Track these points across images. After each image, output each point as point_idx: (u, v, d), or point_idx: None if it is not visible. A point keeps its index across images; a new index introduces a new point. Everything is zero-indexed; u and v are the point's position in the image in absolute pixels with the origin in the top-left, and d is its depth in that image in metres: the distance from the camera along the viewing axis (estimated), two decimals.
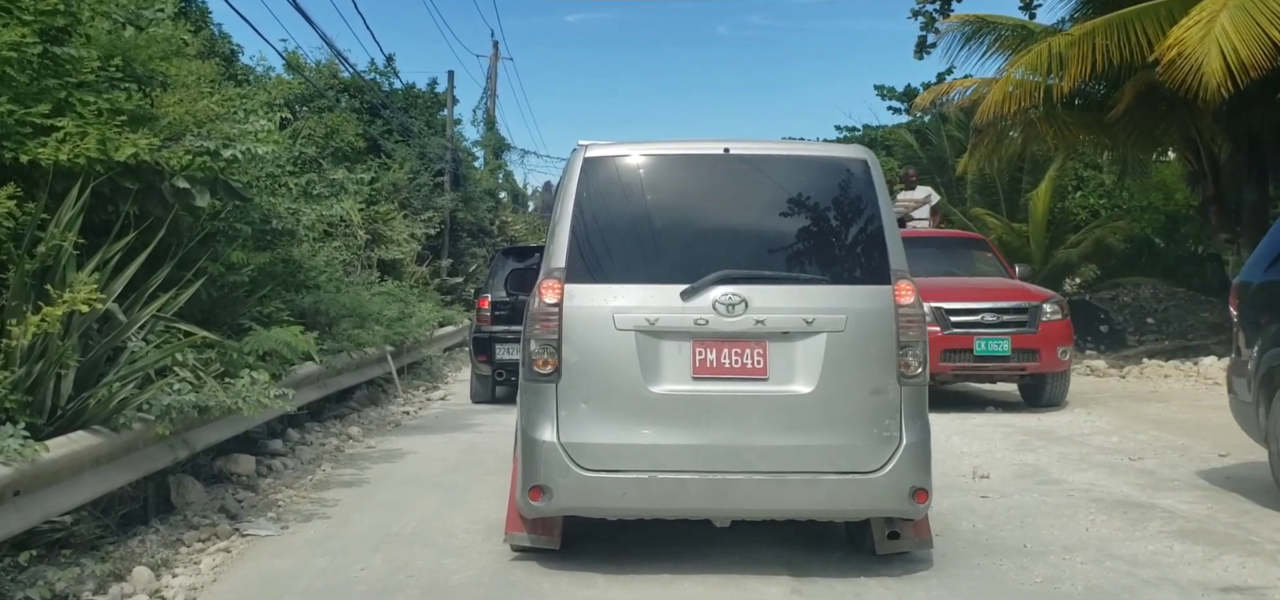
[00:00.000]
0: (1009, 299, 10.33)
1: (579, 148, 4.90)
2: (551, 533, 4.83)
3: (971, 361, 10.08)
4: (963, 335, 10.01)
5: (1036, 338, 10.07)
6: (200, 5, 16.86)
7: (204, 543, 5.43)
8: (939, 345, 9.71)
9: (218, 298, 7.02)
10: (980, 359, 10.05)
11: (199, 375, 5.77)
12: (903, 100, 30.23)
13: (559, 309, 4.54)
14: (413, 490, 6.77)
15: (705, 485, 4.47)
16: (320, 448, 8.35)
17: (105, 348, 5.46)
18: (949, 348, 9.97)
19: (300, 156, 11.21)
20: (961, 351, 10.02)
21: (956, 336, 10.01)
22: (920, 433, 4.54)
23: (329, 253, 10.93)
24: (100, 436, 5.05)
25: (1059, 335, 10.22)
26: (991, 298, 10.33)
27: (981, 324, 10.05)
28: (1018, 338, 10.02)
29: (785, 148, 4.98)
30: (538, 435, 4.52)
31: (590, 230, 4.69)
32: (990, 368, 10.21)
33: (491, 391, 11.66)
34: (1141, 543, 5.19)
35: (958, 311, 10.10)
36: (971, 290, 10.55)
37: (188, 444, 6.01)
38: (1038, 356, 10.07)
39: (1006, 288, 10.78)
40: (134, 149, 5.63)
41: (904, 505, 4.52)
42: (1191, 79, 10.95)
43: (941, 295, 10.05)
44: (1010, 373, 10.37)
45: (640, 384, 4.47)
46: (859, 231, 4.75)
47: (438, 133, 26.36)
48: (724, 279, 4.53)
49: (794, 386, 4.50)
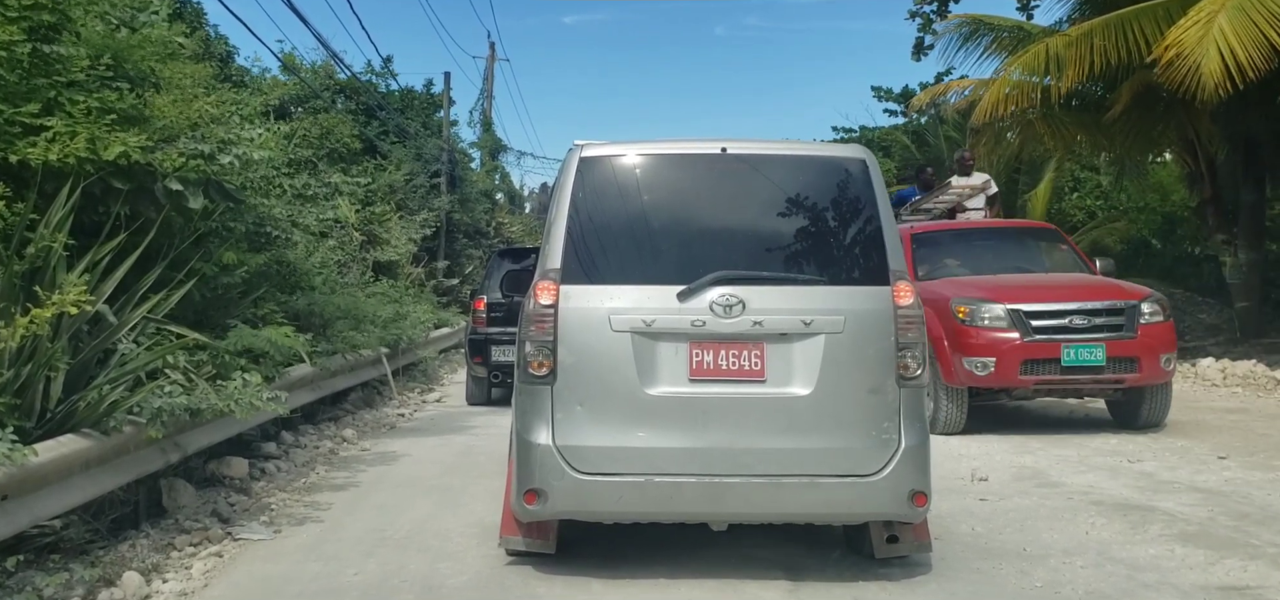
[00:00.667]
0: (1101, 298, 8.74)
1: (575, 147, 4.85)
2: (547, 537, 4.78)
3: (1058, 373, 8.49)
4: (1047, 343, 8.48)
5: (1135, 343, 8.51)
6: (196, 6, 16.83)
7: (195, 547, 5.38)
8: (1018, 354, 8.49)
9: (210, 299, 6.95)
10: (1069, 371, 8.47)
11: (190, 377, 5.71)
12: (899, 102, 30.24)
13: (554, 310, 4.49)
14: (407, 493, 6.72)
15: (702, 489, 4.42)
16: (314, 450, 8.29)
17: (96, 350, 5.40)
18: (1030, 358, 8.49)
19: (295, 157, 11.16)
20: (1046, 362, 8.48)
21: (1039, 345, 8.48)
22: (919, 435, 4.50)
23: (324, 254, 10.86)
24: (90, 439, 4.98)
25: (1161, 340, 8.64)
26: (1080, 297, 8.74)
27: (1070, 329, 8.51)
28: (1113, 344, 8.45)
29: (783, 147, 4.93)
30: (533, 438, 4.47)
31: (586, 231, 4.64)
32: (1081, 381, 8.58)
33: (487, 393, 11.61)
34: (1142, 546, 5.15)
35: (1041, 314, 8.57)
36: (1054, 288, 9.01)
37: (179, 447, 5.94)
38: (1137, 366, 8.50)
39: (1096, 285, 9.17)
40: (123, 149, 5.57)
41: (903, 508, 4.47)
42: (1189, 80, 10.93)
43: (1018, 295, 8.77)
44: (1104, 386, 8.74)
45: (636, 386, 4.42)
46: (857, 232, 4.70)
47: (434, 134, 26.30)
48: (721, 280, 4.48)
49: (792, 388, 4.45)
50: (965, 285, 9.20)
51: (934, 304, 8.64)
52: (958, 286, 9.16)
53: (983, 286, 9.06)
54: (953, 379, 8.70)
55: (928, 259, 9.97)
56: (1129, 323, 8.58)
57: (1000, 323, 8.54)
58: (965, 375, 8.60)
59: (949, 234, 10.72)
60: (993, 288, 8.97)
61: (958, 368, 8.63)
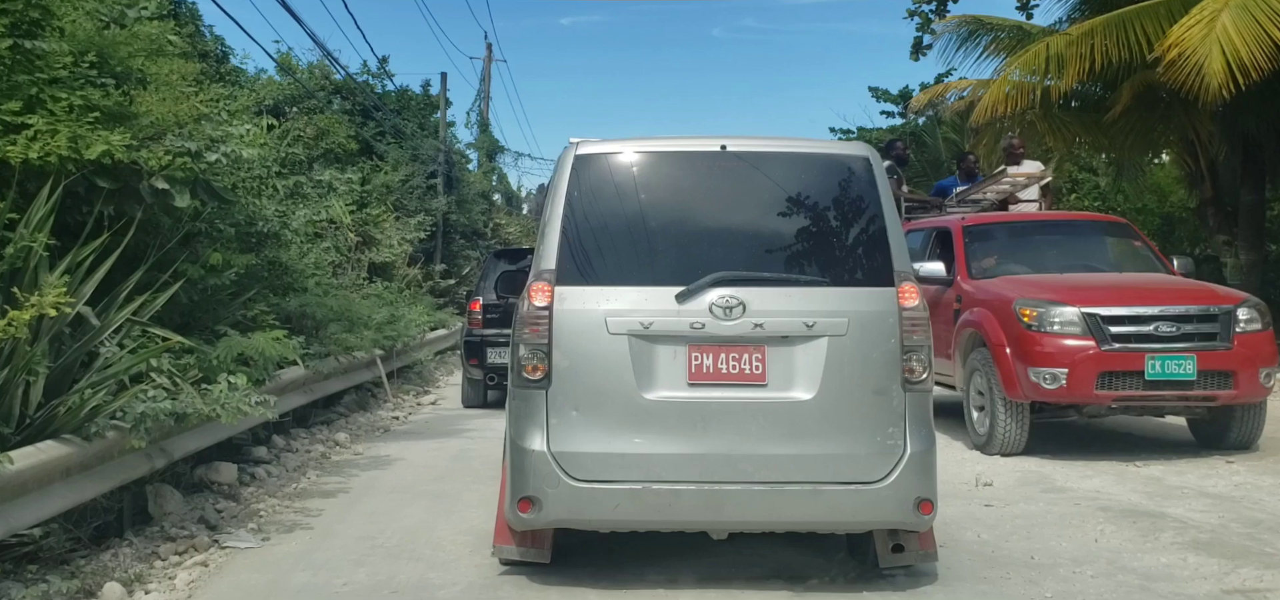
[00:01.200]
0: (1191, 302, 7.58)
1: (570, 145, 4.72)
2: (541, 545, 4.63)
3: (1141, 388, 7.32)
4: (1128, 352, 7.32)
5: (1231, 355, 7.33)
6: (190, 6, 16.67)
7: (180, 556, 5.23)
8: (1094, 365, 7.32)
9: (198, 301, 6.80)
10: (1153, 386, 7.30)
11: (175, 381, 5.57)
12: (897, 102, 30.13)
13: (549, 312, 4.36)
14: (400, 499, 6.58)
15: (701, 496, 4.28)
16: (306, 454, 8.15)
17: (77, 353, 5.25)
18: (1109, 369, 7.32)
19: (288, 157, 11.02)
20: (1127, 375, 7.32)
21: (1119, 354, 7.33)
22: (925, 441, 4.36)
23: (317, 255, 10.72)
24: (71, 446, 4.84)
25: (1260, 352, 7.46)
26: (1166, 300, 7.57)
27: (1156, 337, 7.34)
28: (1206, 355, 7.28)
29: (784, 144, 4.78)
30: (527, 444, 4.33)
31: (582, 230, 4.50)
32: (1165, 397, 7.44)
33: (483, 396, 11.49)
34: (1153, 555, 5.01)
35: (1121, 319, 7.43)
36: (1135, 290, 7.88)
37: (165, 452, 5.80)
38: (1233, 381, 7.31)
39: (1183, 287, 8.01)
40: (106, 147, 5.42)
41: (908, 516, 4.33)
42: (1192, 79, 10.80)
43: (1093, 297, 7.64)
44: (1193, 404, 7.58)
45: (634, 390, 4.28)
46: (861, 231, 4.56)
47: (431, 135, 26.16)
48: (721, 281, 4.35)
49: (794, 393, 4.31)
50: (1030, 285, 8.07)
51: (993, 306, 8.02)
52: (1021, 286, 8.07)
53: (1051, 287, 7.95)
54: (1015, 392, 7.61)
55: (982, 255, 8.97)
56: (1224, 331, 7.39)
57: (1073, 328, 7.42)
58: (1030, 388, 7.49)
59: (1005, 227, 9.72)
60: (1063, 288, 7.88)
61: (1022, 379, 7.53)
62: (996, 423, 7.75)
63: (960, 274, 8.71)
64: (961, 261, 8.79)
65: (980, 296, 8.31)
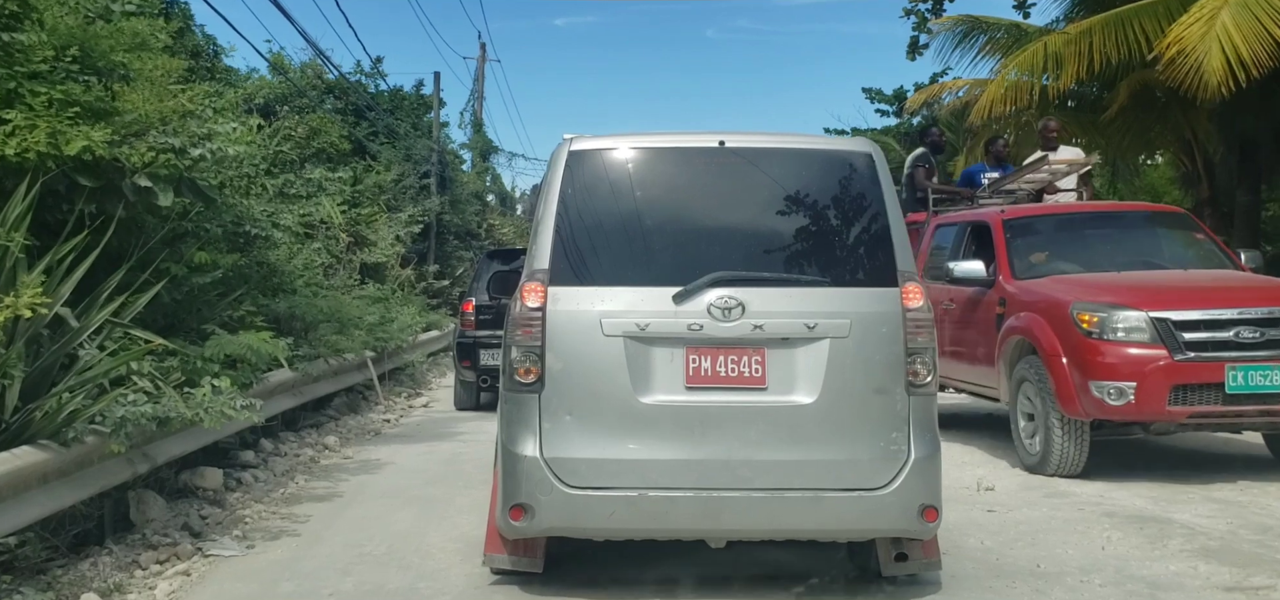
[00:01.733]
0: (1275, 303, 6.62)
1: (564, 141, 4.58)
2: (534, 554, 4.49)
3: (1221, 403, 6.42)
4: (1206, 362, 6.42)
5: None
6: (182, 5, 16.49)
7: (162, 565, 5.08)
8: (1165, 378, 6.42)
9: (182, 301, 6.65)
10: (1235, 400, 6.40)
11: (157, 385, 5.41)
12: (891, 103, 30.06)
13: (542, 313, 4.21)
14: (389, 505, 6.43)
15: (699, 503, 4.14)
16: (294, 459, 7.99)
17: (56, 355, 5.10)
18: (1183, 382, 6.43)
19: (278, 156, 10.87)
20: (1204, 388, 6.42)
21: (1195, 364, 6.43)
22: (930, 446, 4.23)
23: (308, 255, 10.56)
24: (47, 451, 4.69)
25: None
26: (1245, 301, 6.63)
27: (1236, 344, 6.42)
28: None
29: (784, 140, 4.65)
30: (519, 449, 4.19)
31: (576, 229, 4.36)
32: (1249, 413, 6.56)
33: (476, 398, 11.36)
34: (1162, 563, 4.88)
35: (1195, 324, 6.51)
36: (1208, 291, 6.94)
37: (148, 457, 5.65)
38: None
39: (1263, 286, 7.13)
40: (86, 143, 5.27)
41: (912, 524, 4.20)
42: (1192, 77, 10.71)
43: (1161, 298, 6.69)
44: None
45: (629, 394, 4.14)
46: (863, 230, 4.42)
47: (424, 135, 25.99)
48: (720, 281, 4.20)
49: (794, 396, 4.18)
50: (1087, 286, 7.13)
51: (1044, 310, 7.12)
52: (1077, 287, 7.14)
53: (1112, 287, 7.02)
54: (1073, 408, 6.70)
55: (1027, 251, 8.00)
56: None
57: (1140, 335, 6.52)
58: (1092, 404, 6.59)
59: (1051, 220, 8.62)
60: (1126, 289, 6.94)
61: (1081, 394, 6.63)
62: (1051, 442, 6.85)
63: (1002, 273, 7.80)
64: (1003, 259, 7.86)
65: (1028, 299, 7.40)
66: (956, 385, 8.73)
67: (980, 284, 7.97)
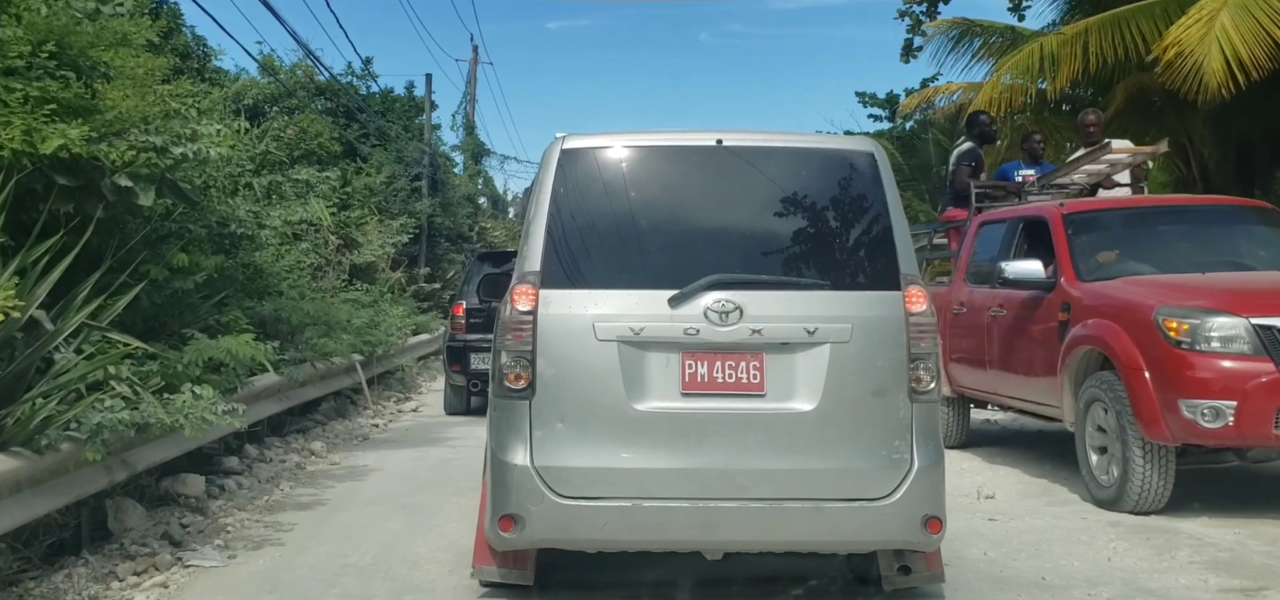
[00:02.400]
0: None
1: (556, 139, 4.43)
2: (524, 566, 4.34)
3: None
4: None
5: None
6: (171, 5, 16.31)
7: (139, 576, 4.91)
8: (1271, 395, 5.53)
9: (164, 304, 6.48)
10: None
11: (136, 390, 5.25)
12: (884, 107, 29.99)
13: (533, 317, 4.06)
14: (376, 513, 6.28)
15: (695, 514, 3.99)
16: (279, 465, 7.82)
17: (30, 359, 4.93)
18: None
19: (264, 156, 10.70)
20: None
21: None
22: (933, 455, 4.09)
23: (295, 257, 10.39)
24: (20, 459, 4.53)
25: None
26: None
27: None
28: None
29: (784, 139, 4.51)
30: (509, 458, 4.03)
31: (568, 230, 4.21)
32: None
33: (466, 402, 11.21)
34: (1171, 575, 4.75)
35: None
36: None
37: (127, 464, 5.48)
38: None
39: None
40: (62, 141, 5.10)
41: (916, 535, 4.06)
42: (1191, 79, 10.61)
43: (1263, 303, 5.78)
44: None
45: (623, 401, 4.00)
46: (865, 232, 4.29)
47: (416, 137, 25.83)
48: (717, 284, 4.06)
49: (794, 404, 4.04)
50: (1172, 288, 6.17)
51: (1121, 316, 6.16)
52: (1159, 289, 6.19)
53: (1203, 290, 6.08)
54: (1159, 431, 5.75)
55: (1093, 250, 6.99)
56: None
57: (1240, 345, 5.62)
58: (1181, 427, 5.66)
59: (1119, 214, 7.68)
60: (1221, 292, 6.00)
61: (1168, 415, 5.69)
62: (1130, 472, 5.88)
63: (1065, 274, 6.79)
64: (1066, 259, 6.85)
65: (1099, 304, 6.42)
66: (1006, 402, 7.87)
67: (1038, 287, 6.95)
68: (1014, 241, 7.62)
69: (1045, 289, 6.91)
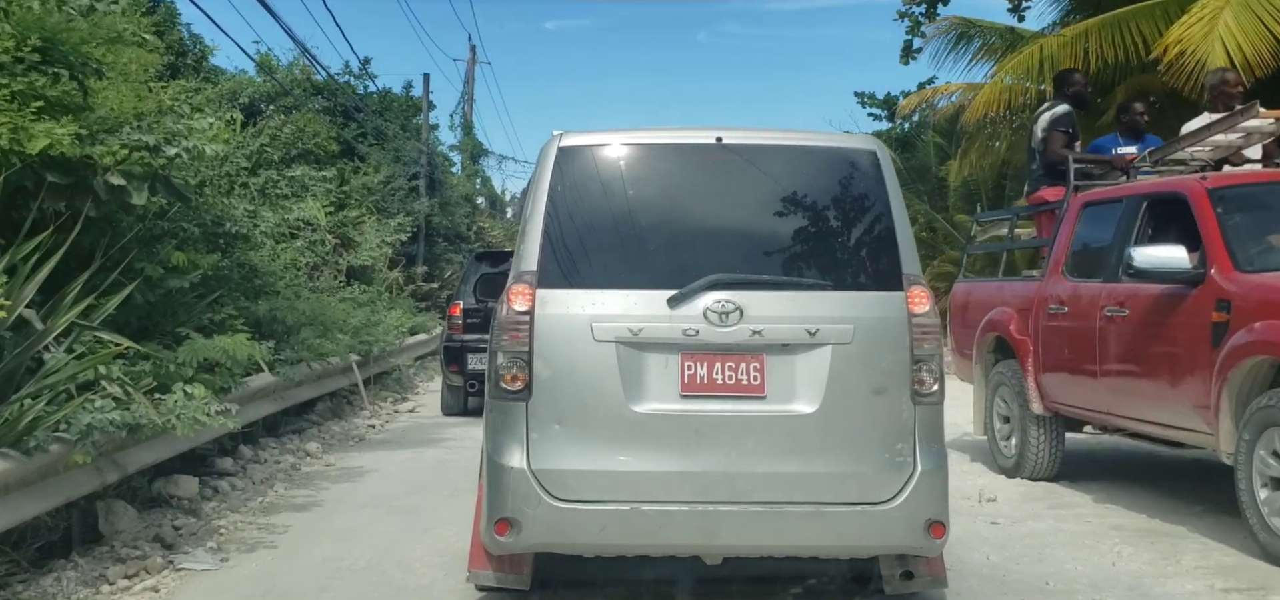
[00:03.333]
0: None
1: (553, 137, 4.36)
2: (521, 571, 4.25)
3: None
4: None
5: None
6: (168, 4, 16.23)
7: (130, 579, 4.84)
8: None
9: (157, 303, 6.41)
10: None
11: (127, 391, 5.17)
12: (883, 107, 29.93)
13: (530, 317, 3.99)
14: (371, 515, 6.20)
15: (695, 518, 3.92)
16: (274, 466, 7.75)
17: (19, 359, 4.86)
18: None
19: (260, 155, 10.63)
20: None
21: None
22: (936, 458, 4.02)
23: (291, 256, 10.31)
24: (8, 461, 4.46)
25: None
26: None
27: None
28: None
29: (784, 137, 4.44)
30: (505, 460, 3.96)
31: (566, 229, 4.14)
32: None
33: (463, 403, 11.14)
34: (1178, 580, 4.68)
35: None
36: None
37: (118, 466, 5.41)
38: None
39: None
40: (49, 140, 5.02)
41: (919, 540, 3.99)
42: (1193, 77, 10.56)
43: None
44: None
45: (622, 403, 3.92)
46: (867, 231, 4.22)
47: (413, 137, 25.75)
48: (716, 284, 3.99)
49: (795, 406, 3.97)
50: None
51: None
52: None
53: None
54: None
55: (1255, 233, 5.69)
56: None
57: None
58: None
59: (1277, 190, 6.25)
60: None
61: None
62: None
63: (1219, 264, 5.44)
64: (1218, 245, 5.50)
65: (1271, 301, 5.11)
66: (1124, 424, 6.40)
67: (1181, 281, 5.60)
68: (1135, 225, 6.24)
69: (1191, 283, 5.56)
